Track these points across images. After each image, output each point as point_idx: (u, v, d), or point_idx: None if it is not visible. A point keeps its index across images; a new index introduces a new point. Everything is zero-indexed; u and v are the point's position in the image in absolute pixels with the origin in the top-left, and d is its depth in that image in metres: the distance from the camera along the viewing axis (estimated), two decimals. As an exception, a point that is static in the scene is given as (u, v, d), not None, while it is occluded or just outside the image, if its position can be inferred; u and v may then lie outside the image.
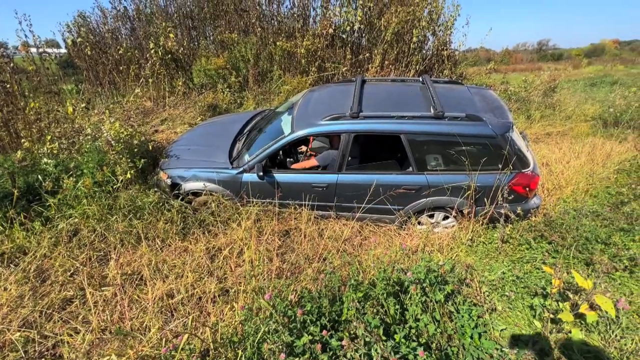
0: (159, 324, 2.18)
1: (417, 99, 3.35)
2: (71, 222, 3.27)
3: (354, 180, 3.17)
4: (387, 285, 1.90)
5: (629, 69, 18.83)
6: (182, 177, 3.48)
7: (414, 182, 3.08)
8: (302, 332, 1.58)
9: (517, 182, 2.94)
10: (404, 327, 1.78)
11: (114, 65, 8.10)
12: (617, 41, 41.07)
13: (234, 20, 8.72)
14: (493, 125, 2.86)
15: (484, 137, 2.86)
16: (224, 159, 3.51)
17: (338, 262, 2.49)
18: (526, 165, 2.97)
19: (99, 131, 3.85)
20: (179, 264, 2.84)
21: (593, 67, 20.74)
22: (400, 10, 8.68)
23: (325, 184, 3.21)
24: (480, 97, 3.45)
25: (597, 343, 1.80)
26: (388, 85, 4.00)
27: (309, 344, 1.53)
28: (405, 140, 2.97)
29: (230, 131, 4.03)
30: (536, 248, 2.65)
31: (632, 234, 2.72)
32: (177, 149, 3.91)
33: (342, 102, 3.30)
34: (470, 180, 2.93)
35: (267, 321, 1.65)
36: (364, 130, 3.04)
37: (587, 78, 14.40)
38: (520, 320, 2.04)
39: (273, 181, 3.29)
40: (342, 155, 3.11)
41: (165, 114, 7.28)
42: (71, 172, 3.63)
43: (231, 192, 3.40)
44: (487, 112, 3.05)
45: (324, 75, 8.53)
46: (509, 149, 2.86)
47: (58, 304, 2.45)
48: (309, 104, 3.53)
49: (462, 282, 2.03)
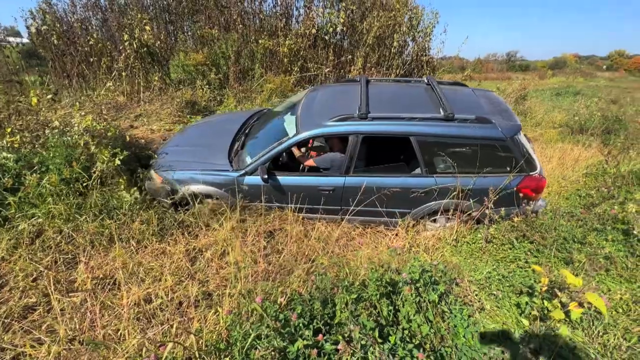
0: (136, 332, 2.02)
1: (424, 100, 3.30)
2: (34, 223, 2.99)
3: (361, 183, 3.05)
4: (380, 286, 1.86)
5: (588, 81, 20.22)
6: (179, 181, 3.25)
7: (423, 184, 3.02)
8: (296, 336, 1.50)
9: (525, 185, 2.95)
10: (397, 329, 1.74)
11: (84, 57, 7.63)
12: (577, 55, 44.06)
13: (214, 16, 8.47)
14: (502, 128, 2.85)
15: (494, 140, 2.85)
16: (224, 160, 3.32)
17: (326, 263, 2.43)
18: (534, 168, 2.99)
19: (68, 125, 3.57)
20: (156, 266, 2.67)
21: (557, 79, 22.10)
22: (382, 14, 8.81)
23: (332, 186, 3.10)
24: (486, 99, 3.43)
25: (581, 339, 1.85)
26: (393, 86, 3.95)
27: (303, 349, 1.45)
28: (415, 142, 2.91)
29: (227, 131, 3.82)
30: (519, 247, 2.71)
31: (605, 233, 2.86)
32: (171, 150, 3.68)
33: (346, 103, 3.19)
34: (473, 183, 2.92)
35: (257, 326, 1.56)
36: (373, 132, 2.95)
37: (553, 88, 15.29)
38: (508, 318, 2.06)
39: (277, 184, 3.14)
40: (350, 157, 3.01)
41: (140, 109, 6.93)
42: (34, 168, 3.33)
43: (231, 195, 3.21)
44: (495, 115, 3.03)
45: (306, 76, 8.48)
46: (517, 152, 2.87)
47: (18, 312, 2.22)
48: (312, 104, 3.39)
49: (453, 281, 2.03)
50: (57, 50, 7.35)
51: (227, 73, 7.93)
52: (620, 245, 2.69)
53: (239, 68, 7.90)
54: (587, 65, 36.42)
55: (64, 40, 7.42)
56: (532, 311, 1.93)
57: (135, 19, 7.29)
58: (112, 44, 7.73)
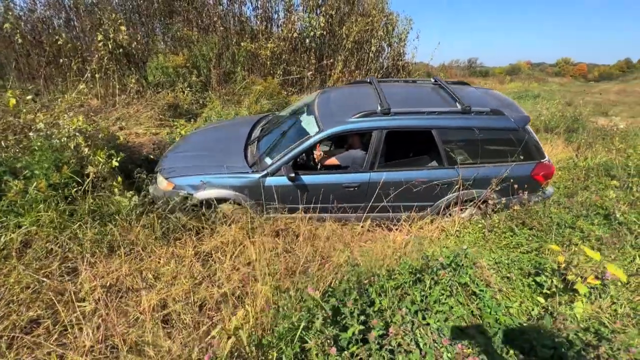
0: (161, 337, 1.93)
1: (436, 97, 3.43)
2: (21, 232, 2.76)
3: (387, 178, 3.09)
4: (411, 273, 1.92)
5: (542, 86, 22.01)
6: (193, 186, 3.14)
7: (447, 176, 3.14)
8: (349, 322, 1.52)
9: (537, 172, 3.17)
10: (431, 313, 1.81)
11: (52, 58, 7.15)
12: (530, 62, 47.61)
13: (192, 17, 8.28)
14: (514, 119, 3.06)
15: (508, 130, 3.06)
16: (241, 163, 3.25)
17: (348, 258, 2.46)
18: (544, 156, 3.22)
19: (54, 126, 3.33)
20: (167, 271, 2.56)
21: (515, 84, 23.77)
22: (359, 20, 9.07)
23: (357, 183, 3.12)
24: (490, 95, 3.65)
25: (591, 311, 2.03)
26: (403, 86, 4.07)
27: (356, 335, 1.47)
28: (437, 135, 3.03)
29: (238, 135, 3.75)
30: (519, 234, 2.91)
31: (590, 218, 3.14)
32: (180, 156, 3.56)
33: (363, 102, 3.26)
34: (505, 172, 3.07)
35: (307, 317, 1.55)
36: (397, 127, 3.03)
37: (513, 92, 16.41)
38: (523, 298, 2.21)
39: (301, 183, 3.11)
40: (375, 152, 3.06)
41: (117, 113, 6.59)
42: (17, 173, 3.08)
43: (252, 197, 3.14)
44: (504, 108, 3.22)
45: (289, 79, 8.52)
46: (529, 140, 3.07)
47: (22, 326, 2.03)
48: (328, 104, 3.42)
49: (474, 265, 2.15)
50: (22, 50, 6.82)
51: (208, 76, 7.76)
52: (605, 228, 2.97)
53: (222, 71, 7.76)
54: (539, 71, 39.42)
55: (28, 40, 6.91)
56: (548, 290, 2.09)
57: (110, 19, 6.95)
58: (82, 45, 7.31)
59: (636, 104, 14.14)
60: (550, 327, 1.70)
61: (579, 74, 40.58)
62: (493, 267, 2.45)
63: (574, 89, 22.45)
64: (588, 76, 38.87)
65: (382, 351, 1.46)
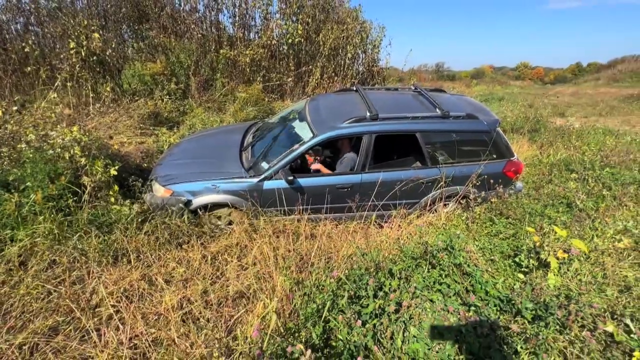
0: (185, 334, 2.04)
1: (417, 103, 3.75)
2: (20, 245, 2.73)
3: (377, 178, 3.32)
4: (413, 258, 2.18)
5: (504, 89, 23.57)
6: (191, 192, 3.21)
7: (431, 175, 3.43)
8: (368, 301, 1.73)
9: (508, 169, 3.55)
10: (432, 290, 2.07)
11: (18, 66, 6.83)
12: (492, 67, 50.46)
13: (166, 23, 8.18)
14: (487, 122, 3.44)
15: (482, 132, 3.43)
16: (238, 168, 3.36)
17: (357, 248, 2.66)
18: (513, 154, 3.61)
19: (46, 137, 3.29)
20: (177, 274, 2.65)
21: (480, 87, 25.22)
22: (335, 28, 9.39)
23: (350, 184, 3.34)
24: (464, 101, 4.04)
25: (562, 282, 2.39)
26: (386, 93, 4.37)
27: (376, 310, 1.68)
28: (421, 137, 3.33)
29: (231, 142, 3.86)
30: (498, 223, 3.27)
31: (556, 207, 3.59)
32: (174, 163, 3.61)
33: (351, 108, 3.49)
34: (479, 169, 3.41)
35: (330, 298, 1.75)
36: (385, 131, 3.30)
37: (480, 95, 17.48)
38: (506, 276, 2.54)
39: (298, 185, 3.28)
40: (365, 155, 3.29)
41: (93, 122, 6.40)
42: (10, 186, 3.02)
43: (249, 201, 3.24)
44: (477, 112, 3.59)
45: (269, 85, 8.65)
46: (500, 141, 3.44)
47: (45, 332, 2.06)
48: (319, 111, 3.61)
49: (463, 249, 2.45)
50: (-15, 58, 6.47)
51: (187, 83, 7.72)
52: (568, 215, 3.42)
53: (202, 78, 7.74)
54: (501, 75, 41.91)
55: (-10, 47, 6.56)
56: (526, 268, 2.43)
57: (81, 26, 6.74)
58: (50, 52, 7.02)
59: (587, 105, 15.63)
60: (531, 294, 2.02)
61: (537, 77, 43.51)
62: (479, 252, 2.77)
63: (533, 91, 24.16)
64: (545, 79, 41.91)
65: (397, 323, 1.69)
